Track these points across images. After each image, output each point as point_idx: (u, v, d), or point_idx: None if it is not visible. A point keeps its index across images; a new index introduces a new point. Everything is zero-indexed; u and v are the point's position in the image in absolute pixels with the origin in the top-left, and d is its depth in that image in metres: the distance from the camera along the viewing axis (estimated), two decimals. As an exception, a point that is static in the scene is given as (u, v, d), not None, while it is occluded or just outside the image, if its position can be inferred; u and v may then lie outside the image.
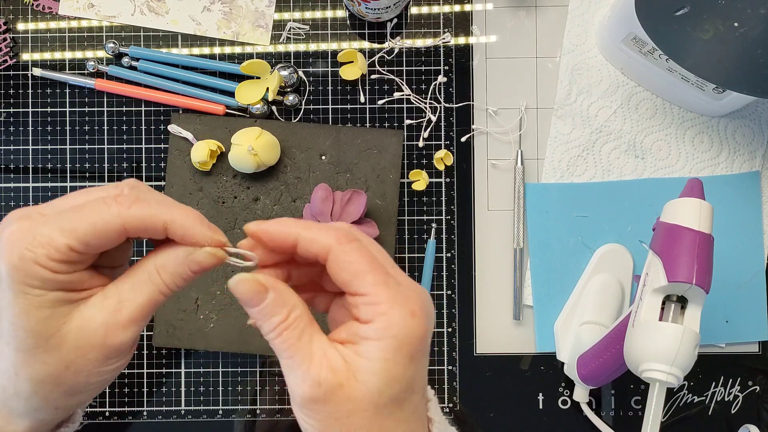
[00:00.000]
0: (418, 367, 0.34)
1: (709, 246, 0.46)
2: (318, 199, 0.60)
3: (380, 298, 0.33)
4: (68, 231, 0.32)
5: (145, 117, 0.65)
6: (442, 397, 0.64)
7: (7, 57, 0.65)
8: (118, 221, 0.33)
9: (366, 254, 0.34)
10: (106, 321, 0.33)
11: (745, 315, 0.63)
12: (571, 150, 0.64)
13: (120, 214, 0.33)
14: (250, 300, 0.33)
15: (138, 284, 0.34)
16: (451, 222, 0.65)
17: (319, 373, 0.32)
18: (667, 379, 0.44)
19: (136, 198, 0.33)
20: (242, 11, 0.65)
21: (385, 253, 0.36)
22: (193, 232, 0.34)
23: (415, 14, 0.65)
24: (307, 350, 0.33)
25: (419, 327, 0.33)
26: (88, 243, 0.32)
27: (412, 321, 0.33)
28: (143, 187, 0.35)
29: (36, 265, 0.31)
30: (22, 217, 0.33)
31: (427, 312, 0.34)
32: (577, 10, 0.64)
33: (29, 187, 0.65)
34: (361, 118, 0.65)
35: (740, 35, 0.48)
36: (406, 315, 0.33)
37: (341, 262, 0.34)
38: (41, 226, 0.32)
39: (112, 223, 0.33)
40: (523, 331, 0.65)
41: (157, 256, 0.35)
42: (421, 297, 0.34)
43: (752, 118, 0.64)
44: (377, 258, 0.34)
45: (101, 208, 0.33)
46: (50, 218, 0.33)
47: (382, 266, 0.34)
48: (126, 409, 0.64)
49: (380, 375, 0.32)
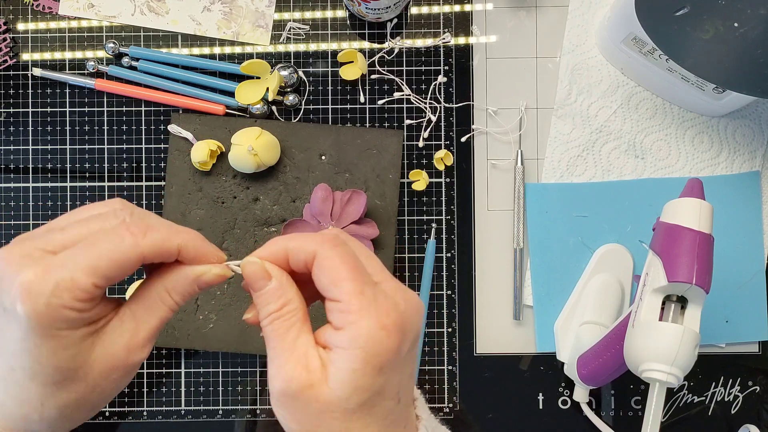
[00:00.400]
0: (390, 377, 0.34)
1: (709, 246, 0.46)
2: (318, 199, 0.60)
3: (352, 307, 0.33)
4: (90, 269, 0.33)
5: (145, 117, 0.65)
6: (442, 397, 0.64)
7: (7, 57, 0.65)
8: (137, 252, 0.34)
9: (348, 261, 0.34)
10: (127, 344, 0.35)
11: (745, 315, 0.63)
12: (571, 150, 0.64)
13: (137, 244, 0.34)
14: (253, 283, 0.35)
15: (151, 307, 0.36)
16: (451, 222, 0.65)
17: (294, 368, 0.33)
18: (667, 379, 0.44)
19: (148, 226, 0.35)
20: (242, 11, 0.65)
21: (376, 260, 0.36)
22: (204, 252, 0.36)
23: (415, 14, 0.65)
24: (291, 345, 0.34)
25: (389, 340, 0.33)
26: (111, 278, 0.33)
27: (380, 334, 0.33)
28: (140, 211, 0.37)
29: (65, 309, 0.32)
30: (27, 259, 0.32)
31: (402, 326, 0.34)
32: (577, 10, 0.64)
33: (29, 187, 0.65)
34: (361, 118, 0.65)
35: (740, 35, 0.48)
36: (375, 327, 0.33)
37: (321, 266, 0.34)
38: (59, 268, 0.32)
39: (130, 254, 0.33)
40: (523, 331, 0.65)
41: (165, 278, 0.36)
42: (400, 310, 0.34)
43: (752, 118, 0.64)
44: (360, 265, 0.34)
45: (116, 241, 0.33)
46: (66, 259, 0.32)
47: (363, 274, 0.34)
48: (126, 409, 0.64)
49: (347, 384, 0.33)
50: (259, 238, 0.64)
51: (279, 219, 0.64)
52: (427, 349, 0.64)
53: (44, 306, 0.31)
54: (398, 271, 0.64)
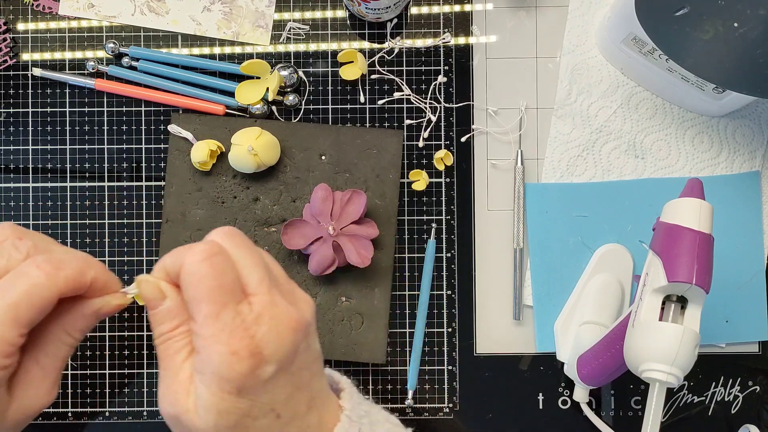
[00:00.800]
0: (256, 397, 0.33)
1: (709, 246, 0.46)
2: (318, 199, 0.60)
3: (205, 332, 0.32)
4: (13, 321, 0.32)
5: (145, 117, 0.65)
6: (442, 398, 0.64)
7: (7, 57, 0.65)
8: (55, 291, 0.33)
9: (210, 279, 0.32)
10: (36, 393, 0.35)
11: (745, 315, 0.63)
12: (571, 150, 0.64)
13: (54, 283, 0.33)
14: (148, 302, 0.34)
15: (53, 351, 0.36)
16: (451, 222, 0.65)
17: (176, 392, 0.33)
18: (667, 379, 0.44)
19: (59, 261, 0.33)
20: (242, 11, 0.65)
21: (261, 267, 0.34)
22: (109, 280, 0.36)
23: (415, 14, 0.65)
24: (177, 368, 0.34)
25: (240, 365, 0.32)
26: (33, 323, 0.33)
27: (231, 359, 0.32)
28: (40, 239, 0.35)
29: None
30: None
31: (256, 349, 0.32)
32: (577, 10, 0.64)
33: (29, 187, 0.65)
34: (361, 118, 0.65)
35: (740, 35, 0.48)
36: (225, 353, 0.32)
37: (184, 283, 0.33)
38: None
39: (48, 294, 0.33)
40: (523, 331, 0.65)
41: (63, 319, 0.35)
42: (259, 333, 0.33)
43: (752, 118, 0.64)
44: (225, 282, 0.33)
45: (31, 283, 0.32)
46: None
47: (224, 294, 0.32)
48: (126, 409, 0.64)
49: (210, 409, 0.32)
50: (260, 238, 0.64)
51: (279, 219, 0.64)
52: (427, 349, 0.64)
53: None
54: (398, 271, 0.64)
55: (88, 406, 0.64)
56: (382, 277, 0.64)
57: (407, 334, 0.64)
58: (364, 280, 0.63)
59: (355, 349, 0.63)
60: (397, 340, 0.64)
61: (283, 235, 0.60)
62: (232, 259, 0.34)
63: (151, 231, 0.65)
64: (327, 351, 0.63)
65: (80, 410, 0.64)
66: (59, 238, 0.64)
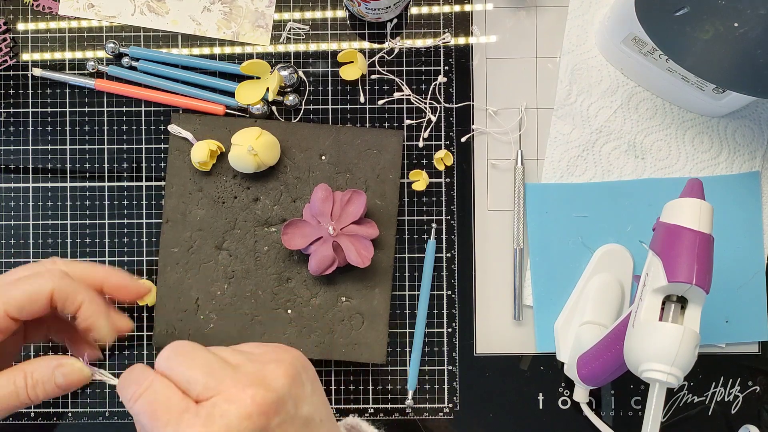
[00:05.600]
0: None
1: (709, 246, 0.46)
2: (318, 199, 0.60)
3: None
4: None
5: (145, 117, 0.65)
6: (442, 398, 0.64)
7: (7, 57, 0.65)
8: (48, 287, 0.40)
9: (149, 413, 0.35)
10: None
11: (745, 315, 0.63)
12: (571, 150, 0.64)
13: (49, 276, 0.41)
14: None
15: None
16: (451, 222, 0.65)
17: None
18: (667, 380, 0.44)
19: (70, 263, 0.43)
20: (242, 11, 0.65)
21: (203, 368, 0.37)
22: (129, 282, 0.46)
23: (415, 14, 0.65)
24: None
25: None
26: (22, 306, 0.40)
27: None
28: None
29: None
30: None
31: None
32: (577, 10, 0.64)
33: (29, 187, 0.65)
34: (361, 118, 0.65)
35: (740, 35, 0.48)
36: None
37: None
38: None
39: (42, 290, 0.40)
40: (523, 331, 0.65)
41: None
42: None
43: (752, 118, 0.64)
44: (164, 403, 0.35)
45: (33, 271, 0.41)
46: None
47: (169, 411, 0.35)
48: (126, 409, 0.64)
49: None
50: (260, 238, 0.64)
51: (279, 219, 0.64)
52: (428, 349, 0.64)
53: None
54: (398, 271, 0.64)
55: (88, 406, 0.64)
56: (382, 277, 0.64)
57: (407, 334, 0.64)
58: (365, 280, 0.63)
59: (355, 349, 0.63)
60: (397, 340, 0.64)
61: (283, 235, 0.60)
62: (170, 380, 0.37)
63: (151, 231, 0.65)
64: (327, 351, 0.63)
65: (80, 410, 0.64)
66: (59, 238, 0.64)
